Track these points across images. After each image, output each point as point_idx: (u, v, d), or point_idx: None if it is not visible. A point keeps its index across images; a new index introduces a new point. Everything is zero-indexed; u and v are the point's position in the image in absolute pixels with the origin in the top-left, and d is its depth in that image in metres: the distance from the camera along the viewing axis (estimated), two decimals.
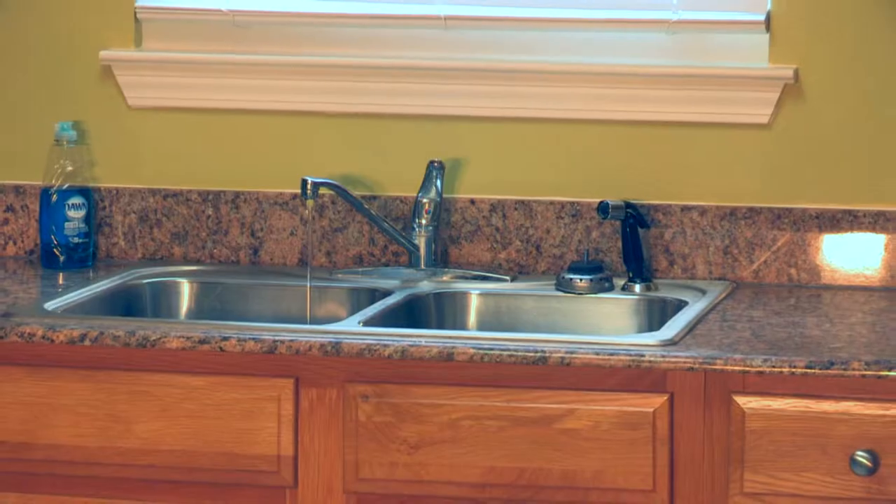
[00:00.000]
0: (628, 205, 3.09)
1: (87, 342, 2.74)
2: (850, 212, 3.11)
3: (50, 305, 2.92)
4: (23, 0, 3.30)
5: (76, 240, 3.22)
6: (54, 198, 3.21)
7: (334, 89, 3.23)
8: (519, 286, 3.12)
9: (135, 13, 3.28)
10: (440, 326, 3.04)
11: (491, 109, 3.20)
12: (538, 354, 2.65)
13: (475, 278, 3.14)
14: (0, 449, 2.78)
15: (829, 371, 2.59)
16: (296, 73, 3.24)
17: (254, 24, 3.27)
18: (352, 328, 2.81)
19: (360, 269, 3.20)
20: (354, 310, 3.01)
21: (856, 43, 3.09)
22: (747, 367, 2.61)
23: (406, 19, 3.23)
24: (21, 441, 2.77)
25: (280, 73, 3.25)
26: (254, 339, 2.71)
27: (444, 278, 3.13)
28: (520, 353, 2.66)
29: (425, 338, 2.74)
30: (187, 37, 3.29)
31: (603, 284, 3.07)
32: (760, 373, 2.60)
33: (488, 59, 3.21)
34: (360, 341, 2.71)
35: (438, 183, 3.15)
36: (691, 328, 2.78)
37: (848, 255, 3.12)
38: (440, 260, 3.18)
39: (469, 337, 2.82)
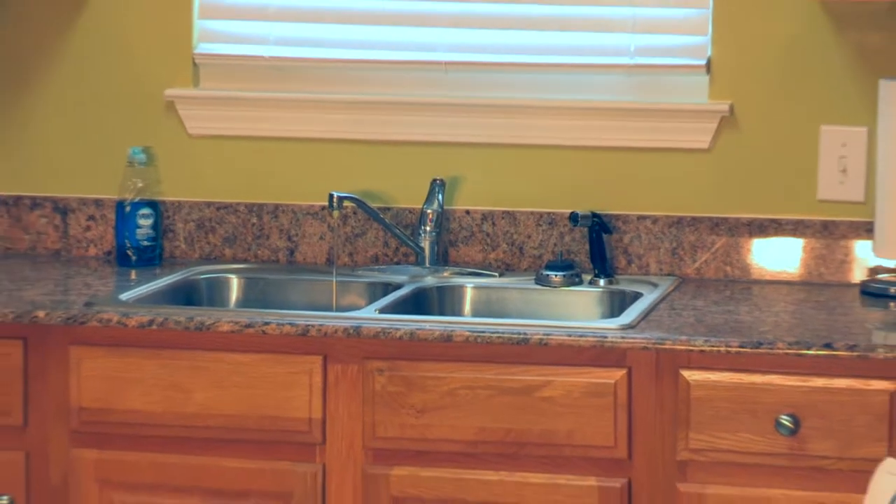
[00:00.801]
0: (594, 215, 3.09)
1: (154, 326, 2.74)
2: (774, 220, 3.10)
3: (124, 296, 2.92)
4: (103, 47, 3.29)
5: (145, 243, 3.22)
6: (128, 209, 3.21)
7: (355, 121, 3.23)
8: (505, 281, 3.12)
9: (193, 59, 3.28)
10: (441, 313, 3.04)
11: (482, 137, 3.20)
12: (521, 336, 2.66)
13: (470, 274, 3.14)
14: (83, 413, 2.78)
15: (758, 350, 2.59)
16: (324, 107, 3.24)
17: (290, 68, 3.28)
18: (369, 315, 2.82)
19: (376, 267, 3.20)
20: (371, 300, 3.01)
21: (780, 83, 3.09)
22: (691, 346, 2.61)
23: (414, 64, 3.24)
24: (100, 407, 2.77)
25: (311, 107, 3.25)
26: (290, 324, 2.72)
27: (445, 274, 3.13)
28: (506, 335, 2.66)
29: (429, 323, 2.75)
30: (236, 78, 3.29)
31: (574, 279, 3.07)
32: (702, 351, 2.60)
33: (480, 97, 3.21)
34: (377, 325, 2.71)
35: (440, 197, 3.15)
36: (646, 315, 2.78)
37: (773, 256, 3.11)
38: (441, 259, 3.17)
39: (465, 322, 2.84)
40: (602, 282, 3.07)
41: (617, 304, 2.99)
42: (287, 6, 3.28)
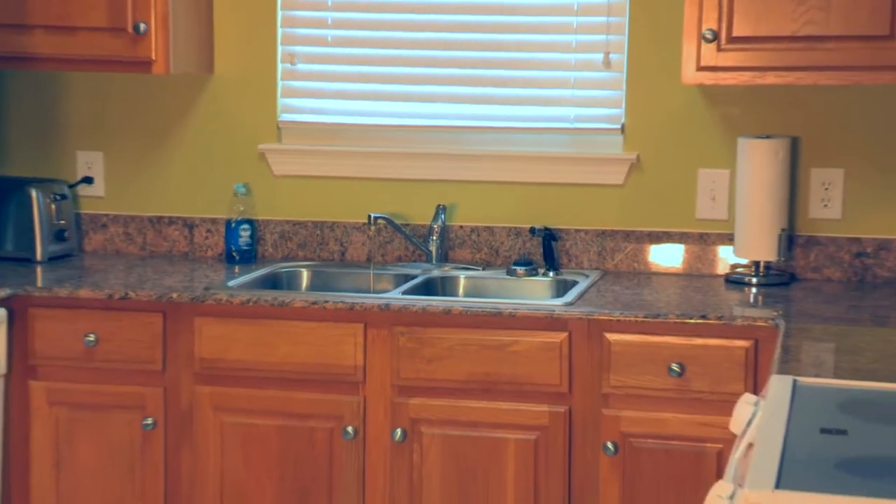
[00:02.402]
0: (546, 228, 3.07)
1: (250, 304, 2.74)
2: (666, 232, 3.09)
3: (230, 283, 2.92)
4: (218, 114, 3.30)
5: (245, 248, 3.21)
6: (233, 224, 3.20)
7: (385, 166, 3.23)
8: (486, 273, 3.10)
9: (278, 125, 3.27)
10: (443, 295, 3.03)
11: (471, 177, 3.19)
12: (497, 310, 2.67)
13: (463, 269, 3.13)
14: (202, 362, 2.78)
15: (656, 319, 2.61)
16: (364, 156, 3.24)
17: (342, 131, 3.28)
18: (395, 296, 2.83)
19: (399, 264, 3.19)
20: (397, 286, 3.00)
21: (671, 141, 3.09)
22: (611, 317, 2.62)
23: (425, 128, 3.23)
24: (214, 357, 2.77)
25: (356, 156, 3.24)
26: (342, 302, 2.73)
27: (446, 269, 3.12)
28: (487, 310, 2.67)
29: (435, 301, 2.77)
30: (305, 137, 3.28)
31: (532, 272, 3.05)
32: (618, 320, 2.62)
33: (470, 150, 3.21)
34: (400, 303, 2.72)
35: (442, 217, 3.14)
36: (581, 295, 2.78)
37: (665, 256, 3.10)
38: (443, 258, 3.16)
39: (459, 301, 2.85)
40: (551, 274, 3.05)
41: (561, 288, 2.97)
42: (340, 89, 3.26)
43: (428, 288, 3.01)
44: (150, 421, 2.80)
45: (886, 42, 2.68)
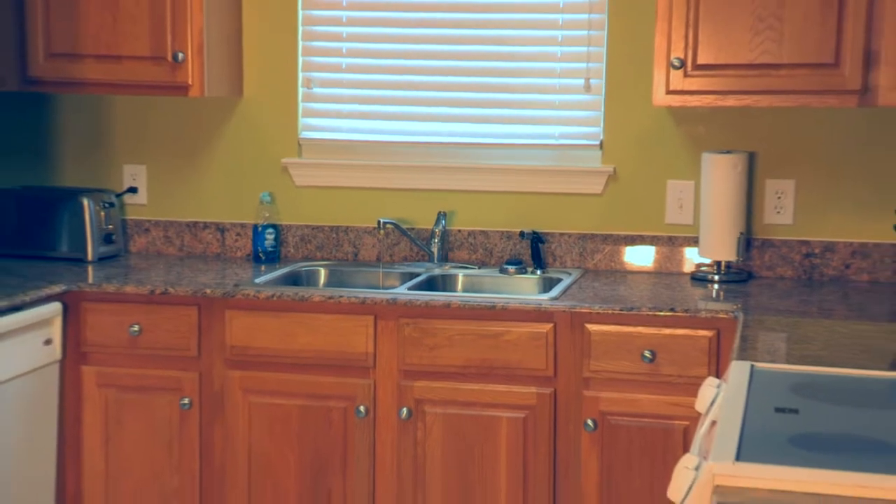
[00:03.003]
0: (534, 232, 3.07)
1: (274, 298, 2.74)
2: (639, 235, 3.09)
3: (257, 280, 2.91)
4: (247, 131, 3.29)
5: (270, 249, 3.20)
6: (259, 229, 3.20)
7: (393, 177, 3.22)
8: (482, 272, 3.10)
9: (298, 141, 3.26)
10: (444, 290, 3.02)
11: (468, 187, 3.19)
12: (491, 304, 2.67)
13: (461, 267, 3.12)
14: (232, 349, 2.77)
15: (631, 311, 2.61)
16: (375, 169, 3.23)
17: (355, 147, 3.27)
18: (402, 291, 2.82)
19: (405, 263, 3.18)
20: (403, 282, 2.99)
21: (643, 155, 3.08)
22: (591, 310, 2.62)
23: (429, 145, 3.22)
24: (242, 345, 2.76)
25: (367, 169, 3.23)
26: (355, 296, 2.72)
27: (446, 268, 3.11)
28: (482, 304, 2.68)
29: (437, 296, 2.76)
30: (325, 152, 3.28)
31: (522, 271, 3.05)
32: (598, 312, 2.62)
33: (467, 163, 3.20)
34: (406, 297, 2.71)
35: (443, 221, 3.13)
36: (564, 291, 2.78)
37: (639, 256, 3.10)
38: (444, 258, 3.16)
39: (458, 296, 2.85)
40: (538, 272, 3.04)
41: (547, 285, 2.97)
42: (353, 110, 3.25)
43: (430, 284, 3.01)
44: (186, 401, 2.80)
45: (832, 70, 2.68)
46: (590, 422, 2.61)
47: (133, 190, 3.34)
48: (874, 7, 2.63)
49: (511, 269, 3.04)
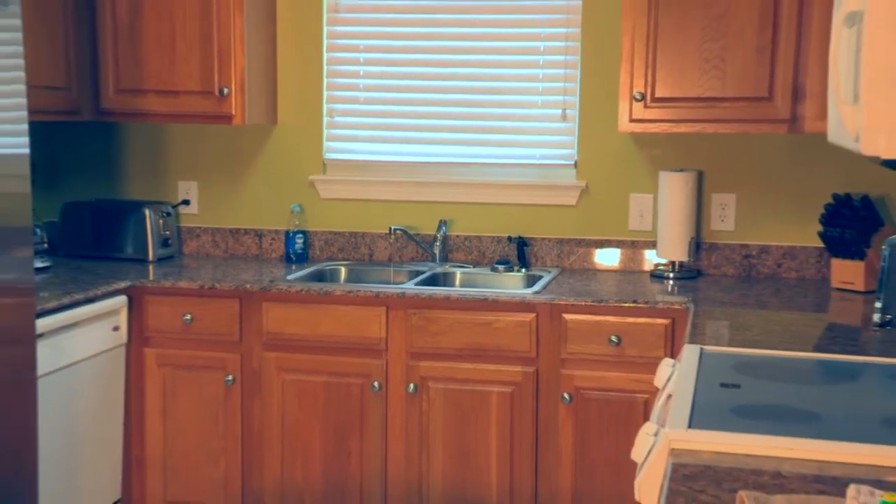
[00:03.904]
0: (520, 237, 3.07)
1: (303, 292, 2.73)
2: (607, 239, 3.09)
3: (289, 277, 2.90)
4: (281, 151, 3.28)
5: (299, 251, 3.20)
6: (290, 234, 3.20)
7: (403, 191, 3.21)
8: (476, 270, 3.09)
9: (323, 161, 3.26)
10: (445, 286, 3.01)
11: (465, 199, 3.18)
12: (484, 297, 2.66)
13: (458, 267, 3.11)
14: (268, 335, 2.77)
15: (600, 303, 2.60)
16: (387, 184, 3.22)
17: (369, 166, 3.26)
18: (409, 286, 2.81)
19: (412, 263, 3.17)
20: (410, 279, 2.98)
21: (611, 173, 3.08)
22: (568, 301, 2.61)
23: (434, 164, 3.21)
24: (276, 331, 2.76)
25: (382, 184, 3.22)
26: (370, 291, 2.71)
27: (446, 267, 3.10)
28: (476, 297, 2.67)
29: (439, 290, 2.75)
30: (345, 170, 3.27)
31: (510, 269, 3.04)
32: (573, 304, 2.61)
33: (465, 179, 3.18)
34: (412, 292, 2.71)
35: (444, 228, 3.13)
36: (545, 286, 2.77)
37: (607, 257, 3.10)
38: (444, 259, 3.15)
39: (457, 290, 2.83)
40: (523, 270, 3.04)
41: (531, 281, 2.96)
42: (369, 135, 3.25)
43: (433, 281, 3.00)
44: (230, 378, 2.80)
45: (766, 102, 2.68)
46: (566, 395, 2.61)
47: (186, 202, 3.34)
48: (801, 51, 2.65)
49: (501, 268, 3.04)
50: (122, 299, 2.77)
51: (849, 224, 2.77)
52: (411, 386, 2.69)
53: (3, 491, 2.14)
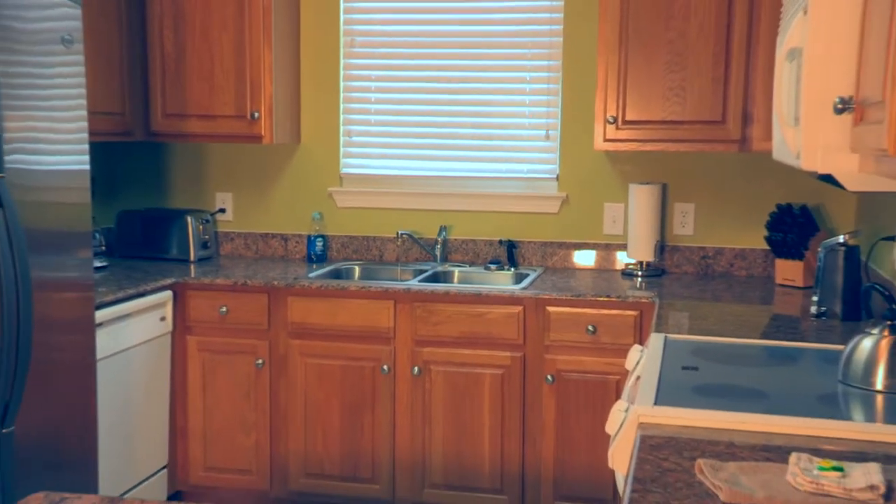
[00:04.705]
0: (509, 241, 3.07)
1: (322, 288, 2.73)
2: (585, 242, 3.09)
3: (310, 275, 2.90)
4: (304, 167, 3.28)
5: (319, 252, 3.20)
6: (311, 238, 3.20)
7: (409, 201, 3.20)
8: (471, 269, 3.08)
9: (340, 175, 3.25)
10: (445, 282, 3.01)
11: (462, 207, 3.17)
12: (478, 292, 2.65)
13: (456, 266, 3.11)
14: (292, 325, 2.76)
15: (579, 297, 2.59)
16: (396, 195, 3.21)
17: (381, 179, 3.25)
18: (414, 283, 2.80)
19: (416, 262, 3.17)
20: (414, 277, 2.99)
21: (588, 186, 3.08)
22: (550, 296, 2.61)
23: (436, 177, 3.20)
24: (300, 321, 2.76)
25: (391, 195, 3.22)
26: (380, 287, 2.71)
27: (445, 266, 3.10)
28: (472, 292, 2.66)
29: (439, 286, 2.73)
30: (358, 183, 3.27)
31: (501, 268, 3.04)
32: (556, 298, 2.60)
33: (463, 191, 3.18)
34: (417, 287, 2.70)
35: (444, 233, 3.13)
36: (531, 282, 2.77)
37: (584, 258, 3.10)
38: (444, 259, 3.15)
39: (454, 286, 2.82)
40: (512, 269, 3.04)
41: (518, 278, 2.97)
42: (380, 153, 3.24)
43: (434, 278, 3.00)
44: (260, 362, 2.80)
45: (720, 125, 2.69)
46: (549, 376, 2.61)
47: (222, 210, 3.34)
48: (749, 82, 2.66)
49: (493, 267, 3.04)
50: (167, 294, 2.77)
51: (790, 229, 2.78)
52: (415, 369, 2.69)
53: (68, 458, 2.15)
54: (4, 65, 1.88)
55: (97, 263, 2.88)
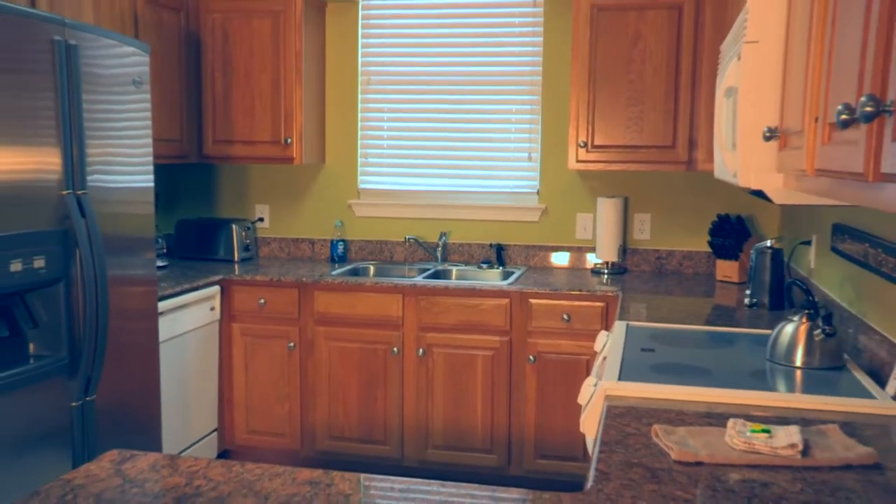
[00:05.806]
0: (498, 244, 3.08)
1: (343, 283, 2.73)
2: (561, 246, 3.10)
3: (333, 273, 2.90)
4: (328, 183, 3.28)
5: (341, 254, 3.20)
6: (334, 242, 3.20)
7: (414, 211, 3.21)
8: (467, 268, 3.09)
9: (358, 189, 3.26)
10: (444, 279, 3.02)
11: (459, 217, 3.17)
12: (473, 287, 2.65)
13: (454, 265, 3.12)
14: (318, 314, 2.77)
15: (556, 291, 2.59)
16: (404, 206, 3.22)
17: (393, 193, 3.25)
18: (419, 279, 2.81)
19: (421, 262, 3.18)
20: (420, 274, 2.98)
21: (563, 199, 3.09)
22: (533, 290, 2.60)
23: (437, 192, 3.21)
24: (325, 311, 2.77)
25: (400, 206, 3.22)
26: (391, 282, 2.71)
27: (446, 265, 3.11)
28: (467, 286, 2.65)
29: (441, 282, 2.73)
30: (374, 197, 3.27)
31: (491, 268, 3.05)
32: (537, 292, 2.61)
33: (459, 203, 3.18)
34: (421, 283, 2.70)
35: (444, 237, 3.14)
36: (517, 280, 2.78)
37: (560, 259, 3.11)
38: (444, 259, 3.16)
39: (453, 282, 2.80)
40: (501, 268, 3.05)
41: (506, 275, 2.97)
42: (391, 171, 3.25)
43: (436, 275, 3.01)
44: (291, 344, 2.81)
45: (671, 149, 2.71)
46: (531, 357, 2.63)
47: (261, 219, 3.34)
48: (694, 114, 2.69)
49: (484, 266, 3.05)
50: (216, 288, 2.79)
51: (728, 235, 2.81)
52: (420, 350, 2.70)
53: (137, 422, 2.18)
54: (88, 102, 1.93)
55: (159, 263, 2.91)
